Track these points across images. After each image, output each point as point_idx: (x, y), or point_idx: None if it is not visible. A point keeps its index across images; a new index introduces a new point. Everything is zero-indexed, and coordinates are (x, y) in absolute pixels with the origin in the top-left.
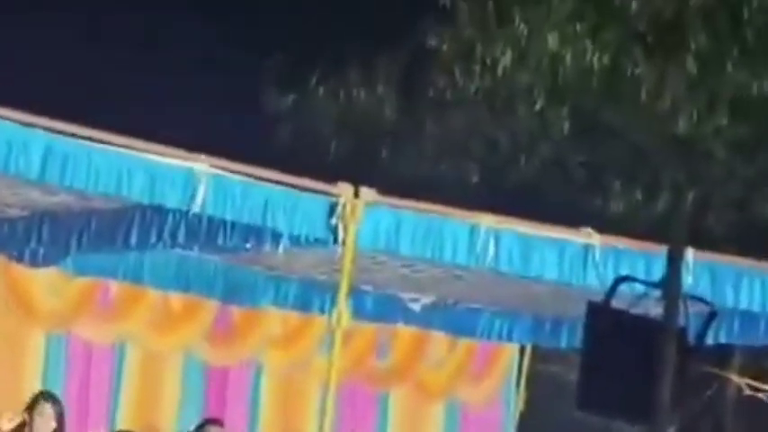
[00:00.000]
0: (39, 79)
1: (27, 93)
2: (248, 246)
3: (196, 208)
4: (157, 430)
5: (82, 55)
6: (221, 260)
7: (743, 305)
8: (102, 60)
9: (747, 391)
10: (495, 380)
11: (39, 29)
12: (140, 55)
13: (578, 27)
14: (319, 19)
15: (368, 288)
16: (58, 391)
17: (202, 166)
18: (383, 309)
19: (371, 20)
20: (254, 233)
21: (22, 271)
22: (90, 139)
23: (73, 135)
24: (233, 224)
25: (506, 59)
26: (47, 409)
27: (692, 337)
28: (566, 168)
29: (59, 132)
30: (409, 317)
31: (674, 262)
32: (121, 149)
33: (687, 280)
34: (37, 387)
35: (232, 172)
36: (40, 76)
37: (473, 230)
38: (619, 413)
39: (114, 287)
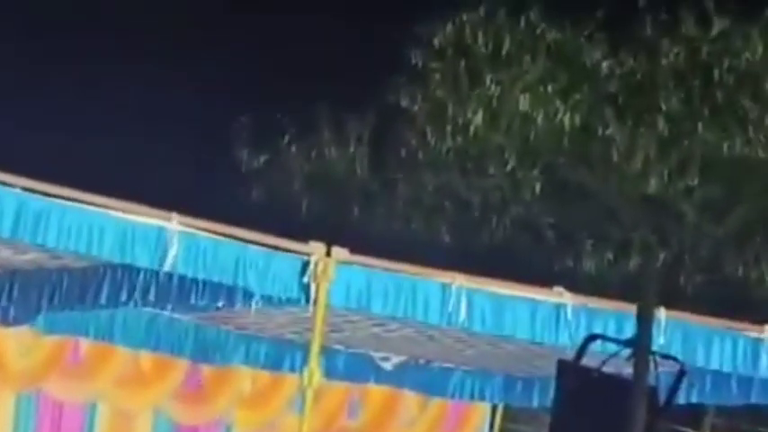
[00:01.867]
0: (11, 139)
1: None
2: (220, 305)
3: (167, 267)
4: None
5: (54, 115)
6: (192, 319)
7: (714, 365)
8: (74, 120)
9: None
10: None
11: (13, 89)
12: (112, 114)
13: (549, 88)
14: (291, 77)
15: (339, 347)
16: None
17: (173, 224)
18: (354, 368)
19: (343, 78)
20: (226, 292)
21: None
22: (62, 197)
23: (45, 194)
24: (204, 283)
25: (478, 120)
26: None
27: (663, 396)
28: (537, 228)
29: (31, 191)
30: (381, 376)
31: (645, 320)
32: (93, 208)
33: (659, 339)
34: None
35: (203, 231)
36: (13, 135)
37: (445, 290)
38: None
39: (84, 345)
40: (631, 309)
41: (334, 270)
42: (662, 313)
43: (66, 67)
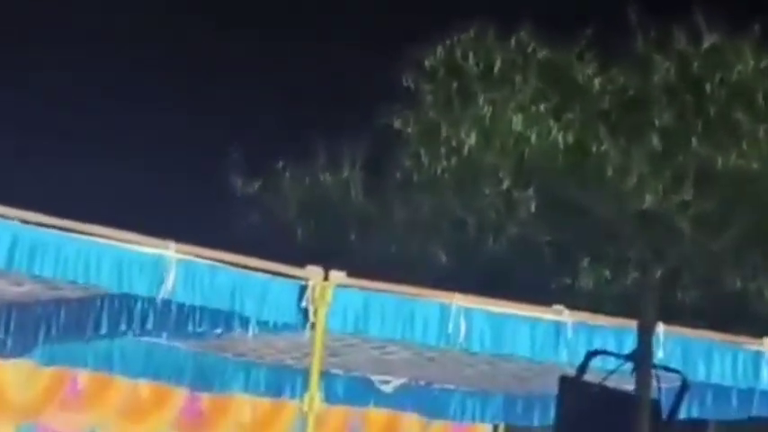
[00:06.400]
0: (7, 171)
1: None
2: (218, 331)
3: (165, 294)
4: None
5: (50, 147)
6: (190, 347)
7: (715, 379)
8: (70, 151)
9: None
10: None
11: (10, 124)
12: (106, 145)
13: (542, 107)
14: (285, 104)
15: (338, 371)
16: None
17: (171, 252)
18: (354, 391)
19: (335, 103)
20: (224, 319)
21: None
22: (58, 228)
23: (41, 224)
24: (202, 310)
25: (471, 140)
26: None
27: (665, 410)
28: (534, 246)
29: (27, 222)
30: (381, 399)
31: (645, 333)
32: (90, 238)
33: (658, 354)
34: None
35: (200, 258)
36: (9, 167)
37: (443, 310)
38: None
39: (83, 376)
40: (630, 325)
41: (332, 294)
42: (660, 328)
43: (64, 102)
